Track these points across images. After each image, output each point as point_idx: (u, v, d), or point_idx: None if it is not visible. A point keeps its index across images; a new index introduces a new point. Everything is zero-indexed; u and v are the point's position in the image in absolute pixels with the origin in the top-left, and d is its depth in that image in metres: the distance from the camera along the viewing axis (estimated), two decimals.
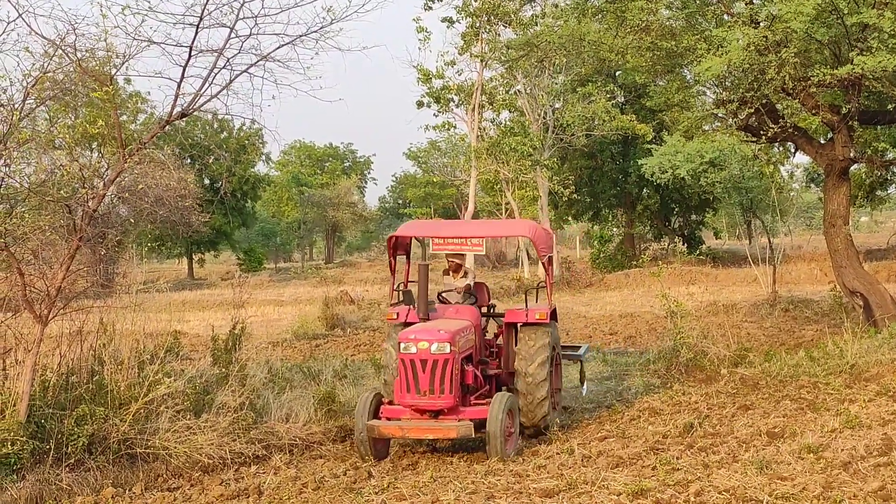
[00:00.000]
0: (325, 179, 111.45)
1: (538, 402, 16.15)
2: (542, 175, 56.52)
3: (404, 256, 18.32)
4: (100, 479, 13.67)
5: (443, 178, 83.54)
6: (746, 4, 23.75)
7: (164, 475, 14.22)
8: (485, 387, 16.51)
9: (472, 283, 17.83)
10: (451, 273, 18.00)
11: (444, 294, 17.89)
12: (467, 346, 15.83)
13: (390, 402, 15.64)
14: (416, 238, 16.95)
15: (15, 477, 13.10)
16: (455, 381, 15.09)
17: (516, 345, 17.04)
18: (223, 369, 16.52)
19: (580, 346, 20.46)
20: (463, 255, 17.68)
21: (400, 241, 17.61)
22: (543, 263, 17.62)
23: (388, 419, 15.35)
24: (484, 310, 18.02)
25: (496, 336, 18.08)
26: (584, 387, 19.87)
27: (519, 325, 17.20)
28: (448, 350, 14.95)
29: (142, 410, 14.61)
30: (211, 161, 69.53)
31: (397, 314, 16.92)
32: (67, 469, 13.51)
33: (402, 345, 15.15)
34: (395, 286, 17.63)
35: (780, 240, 51.91)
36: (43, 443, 13.61)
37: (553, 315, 17.44)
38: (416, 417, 15.24)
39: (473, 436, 14.91)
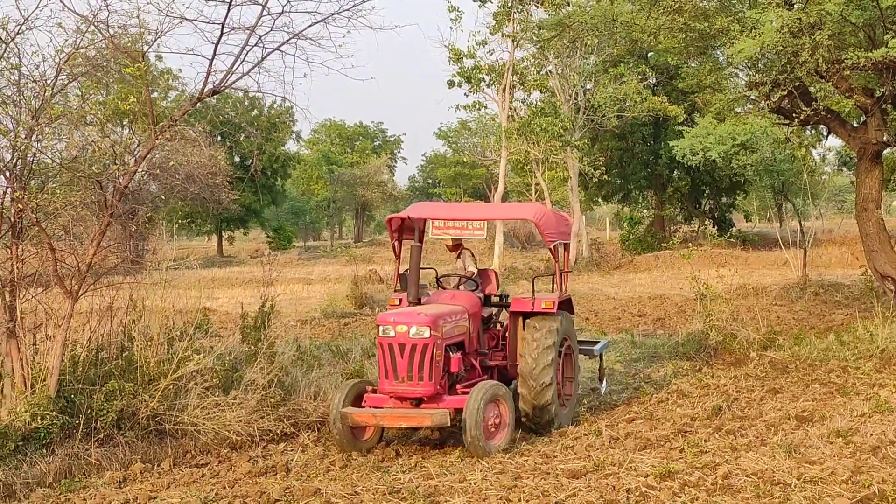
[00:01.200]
0: (355, 158, 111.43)
1: (543, 403, 15.26)
2: (572, 156, 56.32)
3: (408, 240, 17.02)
4: (128, 454, 13.74)
5: (473, 158, 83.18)
6: None
7: (193, 451, 14.27)
8: (482, 377, 15.72)
9: (475, 270, 17.11)
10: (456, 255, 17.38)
11: (442, 279, 17.16)
12: (455, 332, 15.05)
13: (374, 391, 15.01)
14: (410, 219, 16.06)
15: (45, 451, 13.18)
16: (436, 367, 14.40)
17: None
18: (252, 347, 16.53)
19: (598, 341, 19.32)
20: (460, 239, 16.93)
21: (406, 224, 16.50)
22: (551, 250, 16.44)
23: (372, 407, 14.72)
24: (495, 298, 17.31)
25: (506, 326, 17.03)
26: (604, 384, 18.77)
27: (525, 314, 16.09)
28: (427, 335, 14.28)
29: (171, 387, 14.66)
30: (241, 138, 69.77)
31: (400, 300, 16.11)
32: (96, 444, 13.58)
33: (381, 328, 14.59)
34: (399, 271, 16.63)
35: (811, 223, 51.69)
36: (72, 418, 13.69)
37: (565, 305, 16.72)
38: (399, 405, 14.59)
39: (448, 424, 14.15)
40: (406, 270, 16.23)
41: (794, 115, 24.42)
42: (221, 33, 14.57)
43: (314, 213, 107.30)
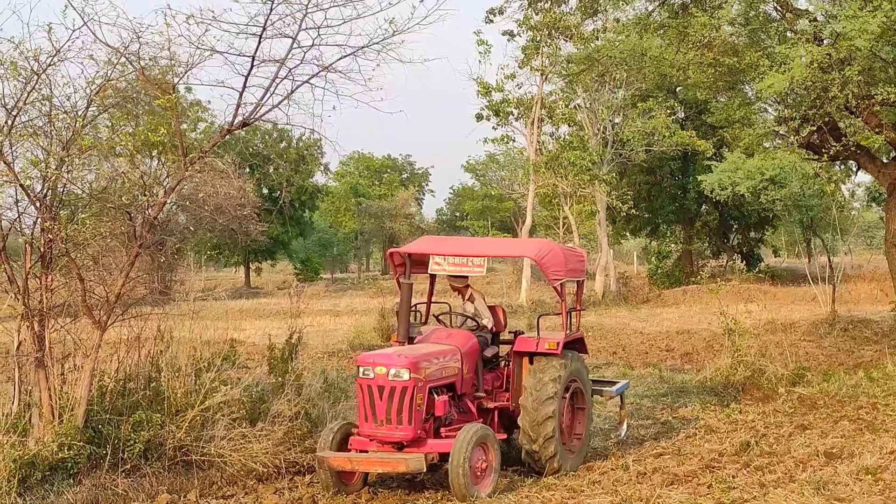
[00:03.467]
0: (382, 190, 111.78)
1: (542, 442, 14.71)
2: (600, 190, 56.33)
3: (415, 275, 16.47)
4: (155, 485, 13.73)
5: (500, 191, 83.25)
6: (810, 22, 23.63)
7: (219, 483, 14.26)
8: (478, 420, 15.03)
9: (480, 308, 16.44)
10: (462, 297, 16.77)
11: (441, 316, 16.69)
12: (442, 374, 14.42)
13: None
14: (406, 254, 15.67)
15: (72, 481, 13.19)
16: (416, 411, 13.78)
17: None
18: (279, 378, 16.52)
19: (618, 382, 18.58)
20: (465, 276, 16.15)
21: (414, 259, 15.89)
22: (555, 288, 15.90)
23: (357, 450, 14.11)
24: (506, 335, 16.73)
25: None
26: (624, 428, 17.62)
27: (530, 354, 15.54)
28: (407, 377, 13.67)
29: (198, 418, 14.66)
30: (270, 170, 70.02)
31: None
32: (123, 474, 13.58)
33: (361, 369, 14.04)
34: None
35: (839, 259, 51.42)
36: (100, 448, 13.69)
37: (573, 345, 16.09)
38: (381, 449, 13.99)
39: (425, 470, 13.63)
40: (417, 305, 16.26)
41: (823, 150, 24.41)
42: (252, 66, 14.63)
43: (342, 245, 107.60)
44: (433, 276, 16.82)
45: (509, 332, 16.68)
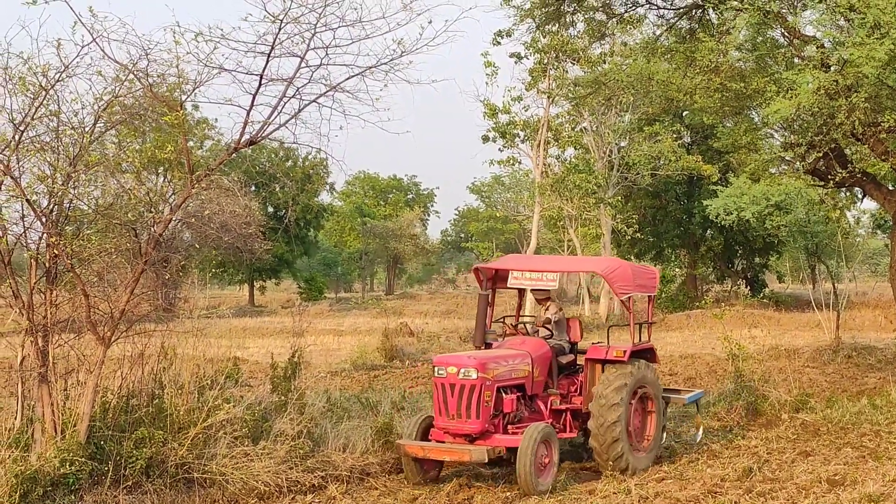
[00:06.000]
0: (388, 211, 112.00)
1: (609, 443, 16.14)
2: (605, 213, 56.41)
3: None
4: (156, 502, 13.73)
5: (506, 213, 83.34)
6: (818, 48, 23.64)
7: (221, 501, 14.26)
8: (547, 420, 16.69)
9: (552, 318, 18.04)
10: (542, 308, 18.43)
11: (518, 325, 18.39)
12: (510, 374, 16.17)
13: None
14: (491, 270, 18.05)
15: (73, 497, 13.18)
16: (483, 407, 15.53)
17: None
18: (282, 397, 16.55)
19: (692, 391, 20.15)
20: (546, 289, 17.82)
21: (499, 274, 17.95)
22: (622, 302, 17.84)
23: (436, 441, 15.92)
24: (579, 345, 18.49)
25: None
26: (699, 432, 19.22)
27: (601, 361, 17.24)
28: (475, 376, 15.46)
29: (200, 435, 14.66)
30: (276, 189, 70.07)
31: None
32: (125, 491, 13.58)
33: (436, 369, 15.94)
34: (489, 319, 18.04)
35: (844, 285, 51.44)
36: (101, 464, 13.68)
37: (643, 354, 17.74)
38: (455, 441, 15.73)
39: (486, 461, 15.22)
40: (505, 318, 18.54)
41: (829, 176, 24.40)
42: (259, 84, 14.66)
43: (346, 265, 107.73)
44: (521, 291, 19.03)
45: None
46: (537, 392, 16.91)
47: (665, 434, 18.45)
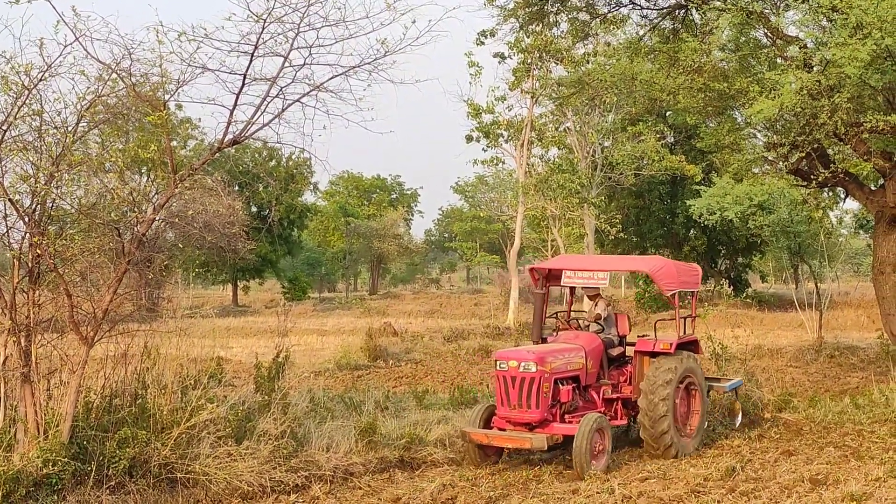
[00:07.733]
0: (371, 211, 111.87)
1: (659, 431, 17.26)
2: (588, 213, 56.48)
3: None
4: (139, 502, 13.69)
5: (489, 212, 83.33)
6: (800, 49, 23.69)
7: (204, 501, 14.22)
8: (600, 409, 17.82)
9: (602, 313, 19.22)
10: (593, 304, 19.70)
11: (571, 321, 19.77)
12: (567, 367, 17.28)
13: None
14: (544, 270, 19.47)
15: (56, 497, 13.14)
16: (543, 397, 16.63)
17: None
18: (265, 397, 16.55)
19: (731, 380, 20.84)
20: (597, 287, 18.92)
21: (552, 273, 19.06)
22: (668, 298, 19.20)
23: (497, 429, 17.05)
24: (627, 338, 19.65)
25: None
26: (738, 417, 20.41)
27: (649, 353, 18.41)
28: (534, 369, 16.54)
29: (183, 435, 14.63)
30: (260, 189, 69.98)
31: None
32: (108, 491, 13.54)
33: (498, 362, 17.04)
34: (545, 315, 18.98)
35: (827, 285, 51.47)
36: (84, 464, 13.64)
37: (690, 345, 19.07)
38: (516, 429, 16.82)
39: (545, 448, 16.36)
40: (558, 314, 19.81)
41: (811, 176, 24.47)
42: (243, 84, 14.65)
43: (330, 265, 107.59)
44: (572, 288, 20.67)
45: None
46: (590, 383, 18.04)
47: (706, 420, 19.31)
